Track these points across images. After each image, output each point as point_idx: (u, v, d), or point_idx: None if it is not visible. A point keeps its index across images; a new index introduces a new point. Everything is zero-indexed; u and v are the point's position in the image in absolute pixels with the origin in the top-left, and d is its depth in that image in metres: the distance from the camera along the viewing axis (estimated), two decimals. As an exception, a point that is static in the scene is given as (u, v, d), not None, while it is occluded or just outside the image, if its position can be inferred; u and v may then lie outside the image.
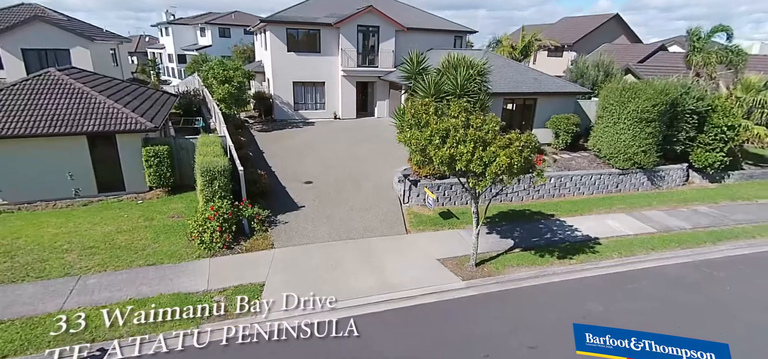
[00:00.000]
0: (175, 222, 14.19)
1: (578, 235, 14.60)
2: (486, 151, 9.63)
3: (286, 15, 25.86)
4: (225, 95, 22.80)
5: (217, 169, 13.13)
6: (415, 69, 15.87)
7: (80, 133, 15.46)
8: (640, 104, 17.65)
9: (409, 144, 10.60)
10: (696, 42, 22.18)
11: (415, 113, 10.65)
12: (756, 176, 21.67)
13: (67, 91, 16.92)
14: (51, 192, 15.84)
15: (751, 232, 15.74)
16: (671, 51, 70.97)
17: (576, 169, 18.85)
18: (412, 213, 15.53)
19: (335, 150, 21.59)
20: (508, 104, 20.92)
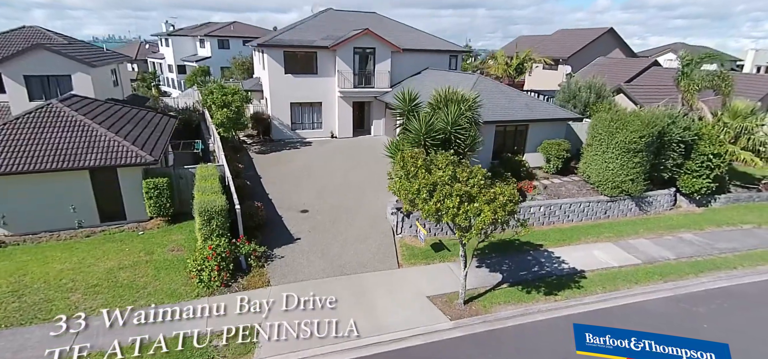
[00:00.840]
0: (175, 256, 14.68)
1: (565, 268, 15.11)
2: (471, 206, 10.12)
3: (283, 38, 26.36)
4: (223, 119, 23.27)
5: (215, 208, 13.61)
6: (408, 105, 16.36)
7: (83, 168, 15.96)
8: (628, 135, 18.16)
9: (399, 194, 11.09)
10: (685, 68, 22.66)
11: (405, 164, 11.14)
12: (742, 199, 22.18)
13: (69, 123, 17.41)
14: (55, 224, 16.35)
15: (732, 262, 16.25)
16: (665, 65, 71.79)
17: (565, 197, 19.36)
18: (404, 245, 16.03)
19: (331, 174, 22.08)
20: (500, 128, 21.38)
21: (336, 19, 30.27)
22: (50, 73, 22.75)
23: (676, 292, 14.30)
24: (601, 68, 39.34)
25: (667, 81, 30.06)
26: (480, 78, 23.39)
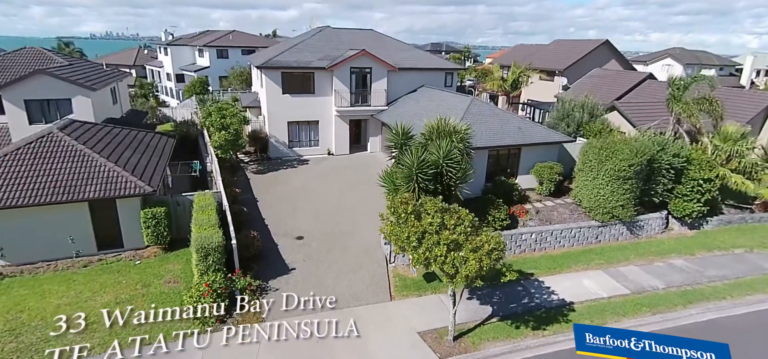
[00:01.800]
0: (171, 289, 14.96)
1: (554, 300, 15.38)
2: (457, 254, 10.39)
3: (280, 60, 26.63)
4: (222, 142, 23.55)
5: (212, 245, 13.91)
6: (401, 139, 16.65)
7: (82, 200, 16.23)
8: (617, 164, 18.43)
9: (390, 238, 11.37)
10: (676, 92, 22.92)
11: (396, 210, 11.42)
12: (734, 221, 22.43)
13: (69, 153, 17.68)
14: (52, 254, 16.60)
15: (721, 292, 16.51)
16: (664, 69, 71.69)
17: (557, 222, 19.63)
18: (397, 275, 16.30)
19: (327, 196, 22.38)
20: (493, 152, 21.62)
21: (333, 38, 30.56)
22: (51, 97, 23.00)
23: (664, 325, 14.55)
24: (596, 80, 39.63)
25: (660, 96, 30.30)
26: (474, 101, 23.61)
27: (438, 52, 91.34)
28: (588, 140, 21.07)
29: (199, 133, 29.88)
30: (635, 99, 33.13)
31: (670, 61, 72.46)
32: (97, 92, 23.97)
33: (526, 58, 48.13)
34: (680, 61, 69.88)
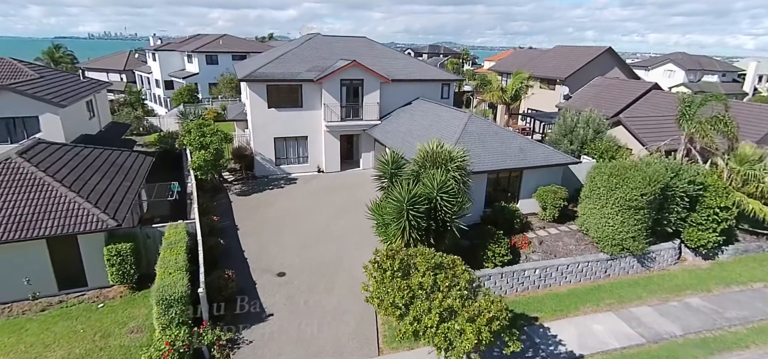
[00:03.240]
0: (132, 341, 13.37)
1: (562, 353, 13.81)
2: (451, 324, 8.81)
3: (265, 72, 24.99)
4: (201, 162, 21.91)
5: (174, 296, 12.30)
6: (390, 169, 15.04)
7: (38, 237, 14.66)
8: (629, 192, 16.87)
9: (373, 303, 9.79)
10: (687, 110, 21.40)
11: (381, 265, 9.83)
12: (751, 250, 20.89)
13: (27, 183, 16.12)
14: (5, 296, 15.13)
15: (744, 339, 14.98)
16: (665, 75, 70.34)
17: (562, 255, 18.04)
18: (386, 321, 14.66)
19: (314, 222, 20.80)
20: (493, 175, 20.05)
21: (323, 46, 28.96)
22: (16, 115, 21.38)
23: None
24: (598, 90, 38.13)
25: (667, 109, 28.79)
26: (471, 118, 22.03)
27: (436, 54, 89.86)
28: (596, 164, 19.45)
29: (183, 148, 28.27)
30: (641, 111, 31.60)
31: (672, 67, 70.99)
32: (67, 108, 22.30)
33: (526, 63, 46.60)
34: (682, 67, 68.48)
